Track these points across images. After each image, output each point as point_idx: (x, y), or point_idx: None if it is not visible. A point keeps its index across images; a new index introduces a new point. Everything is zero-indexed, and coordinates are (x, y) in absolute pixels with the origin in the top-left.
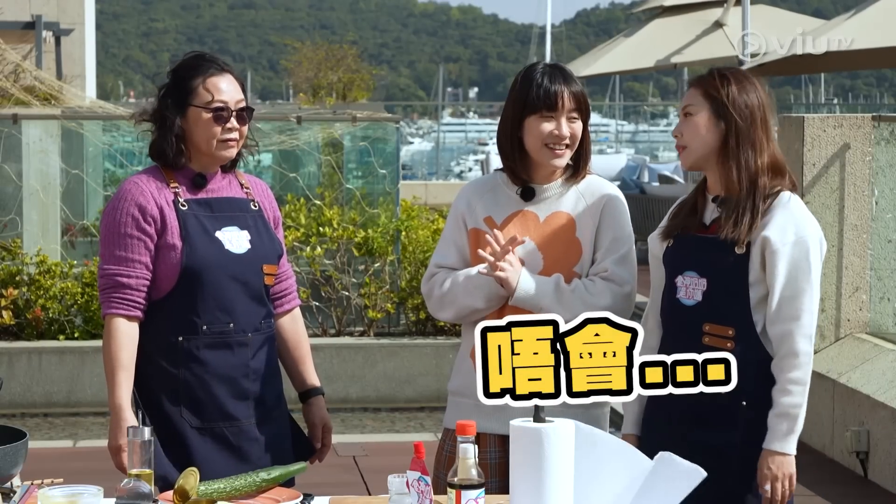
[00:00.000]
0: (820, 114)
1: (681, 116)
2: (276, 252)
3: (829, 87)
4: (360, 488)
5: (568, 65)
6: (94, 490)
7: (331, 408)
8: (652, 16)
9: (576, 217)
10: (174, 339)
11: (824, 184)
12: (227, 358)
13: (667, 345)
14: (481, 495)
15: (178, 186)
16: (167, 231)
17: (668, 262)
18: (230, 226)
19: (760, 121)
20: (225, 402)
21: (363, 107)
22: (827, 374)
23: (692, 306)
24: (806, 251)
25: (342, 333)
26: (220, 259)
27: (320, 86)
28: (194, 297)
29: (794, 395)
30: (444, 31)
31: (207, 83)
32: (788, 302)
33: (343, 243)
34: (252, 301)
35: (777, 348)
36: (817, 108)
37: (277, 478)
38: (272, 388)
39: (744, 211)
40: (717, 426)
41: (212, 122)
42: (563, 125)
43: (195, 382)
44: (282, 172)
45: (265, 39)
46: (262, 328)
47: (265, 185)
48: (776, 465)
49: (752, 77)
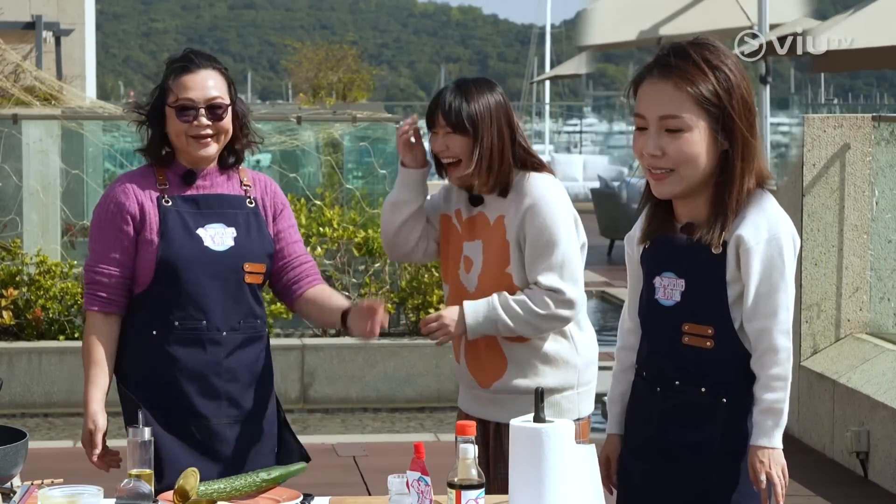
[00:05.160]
0: (820, 114)
1: (654, 126)
2: (265, 250)
3: (829, 87)
4: (360, 488)
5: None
6: (94, 490)
7: (331, 408)
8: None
9: (506, 219)
10: (148, 333)
11: (824, 184)
12: (199, 355)
13: (646, 345)
14: (481, 495)
15: (165, 184)
16: (146, 227)
17: (646, 263)
18: (216, 223)
19: (755, 121)
20: (193, 399)
21: (363, 107)
22: (827, 375)
23: (671, 307)
24: (780, 248)
25: (342, 334)
26: (197, 255)
27: (320, 86)
28: (169, 293)
29: (776, 390)
30: (444, 32)
31: (177, 81)
32: (764, 299)
33: (343, 243)
34: (230, 300)
35: (755, 345)
36: (817, 108)
37: (277, 478)
38: (253, 391)
39: (717, 218)
40: (696, 423)
41: (177, 120)
42: (438, 140)
43: (165, 378)
44: (282, 172)
45: (265, 40)
46: (240, 328)
47: (269, 182)
48: (767, 458)
49: (726, 51)
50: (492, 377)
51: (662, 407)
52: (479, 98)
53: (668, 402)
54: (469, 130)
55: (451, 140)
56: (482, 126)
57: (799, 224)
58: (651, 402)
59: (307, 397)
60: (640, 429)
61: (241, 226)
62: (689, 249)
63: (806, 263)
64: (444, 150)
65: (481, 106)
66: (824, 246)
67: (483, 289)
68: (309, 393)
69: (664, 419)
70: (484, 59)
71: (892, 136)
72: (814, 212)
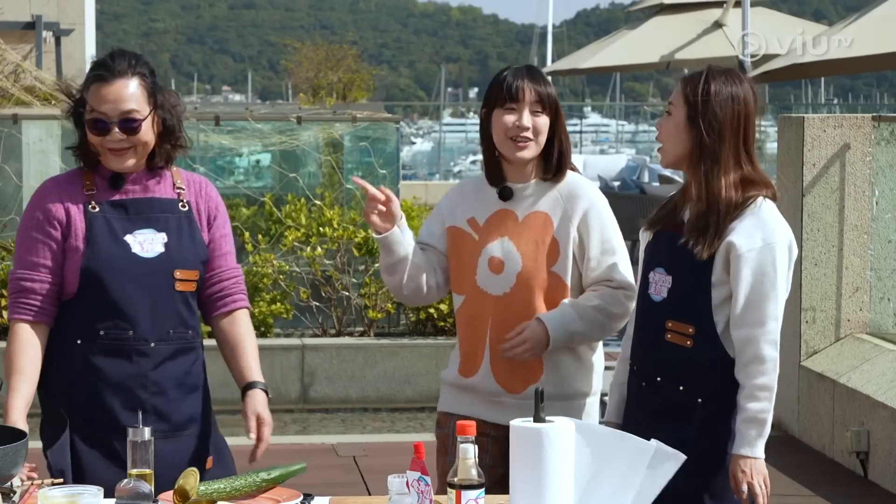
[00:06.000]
0: (820, 114)
1: (665, 108)
2: (199, 257)
3: (829, 87)
4: (361, 488)
5: (568, 57)
6: (94, 490)
7: (331, 408)
8: (651, 13)
9: (553, 217)
10: (73, 343)
11: (824, 184)
12: (124, 367)
13: (636, 339)
14: (481, 495)
15: (93, 189)
16: (72, 234)
17: (645, 257)
18: (145, 228)
19: (731, 136)
20: (117, 413)
21: (363, 107)
22: (827, 374)
23: (659, 302)
24: (773, 257)
25: (342, 334)
26: (124, 263)
27: (320, 86)
28: (95, 301)
29: (761, 400)
30: (444, 32)
31: (93, 92)
32: (753, 307)
33: (343, 243)
34: (159, 309)
35: (740, 353)
36: (817, 109)
37: (277, 478)
38: (184, 405)
39: (709, 224)
40: (673, 421)
41: (91, 133)
42: (525, 116)
43: (88, 389)
44: (282, 172)
45: (265, 39)
46: (170, 338)
47: (205, 184)
48: (749, 468)
49: (742, 83)
50: (524, 383)
51: (647, 402)
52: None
53: (651, 397)
54: (552, 110)
55: (537, 119)
56: (560, 109)
57: (799, 224)
58: (638, 397)
59: (307, 397)
60: (632, 425)
61: (173, 231)
62: (679, 248)
63: (806, 263)
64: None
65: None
66: (824, 246)
67: (522, 287)
68: (309, 393)
69: (648, 415)
70: (484, 59)
71: (892, 136)
72: (814, 212)
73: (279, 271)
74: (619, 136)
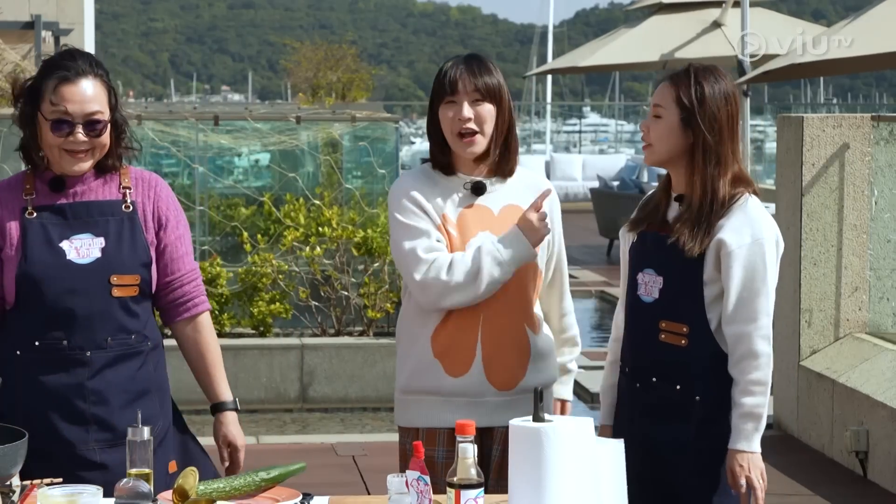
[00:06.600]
0: (819, 114)
1: (650, 112)
2: (139, 260)
3: (828, 86)
4: (360, 488)
5: (567, 55)
6: (94, 489)
7: (330, 407)
8: (649, 12)
9: (526, 208)
10: (13, 354)
11: (823, 184)
12: (61, 378)
13: (628, 340)
14: (480, 495)
15: (32, 193)
16: (6, 243)
17: (632, 258)
18: (83, 233)
19: (728, 135)
20: (58, 425)
21: (362, 107)
22: (826, 374)
23: (650, 303)
24: (762, 253)
25: (341, 333)
26: (58, 270)
27: (319, 86)
28: (31, 311)
29: (756, 395)
30: (443, 31)
31: (55, 90)
32: (745, 304)
33: (342, 243)
34: (95, 316)
35: (733, 349)
36: (816, 108)
37: (277, 477)
38: (130, 412)
39: (700, 221)
40: (672, 421)
41: (51, 132)
42: (465, 108)
43: (30, 402)
44: (281, 172)
45: (264, 39)
46: (108, 346)
47: (155, 182)
48: (746, 462)
49: (726, 80)
50: (513, 379)
51: (642, 403)
52: (495, 71)
53: (646, 398)
54: (497, 99)
55: (479, 109)
56: (505, 96)
57: (798, 224)
58: (632, 398)
59: (306, 397)
60: (625, 426)
61: (112, 234)
62: (669, 248)
63: (805, 263)
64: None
65: (500, 77)
66: (823, 246)
67: (512, 280)
68: (308, 392)
69: (643, 416)
70: None
71: (892, 136)
72: (813, 211)
73: (278, 271)
74: (619, 135)
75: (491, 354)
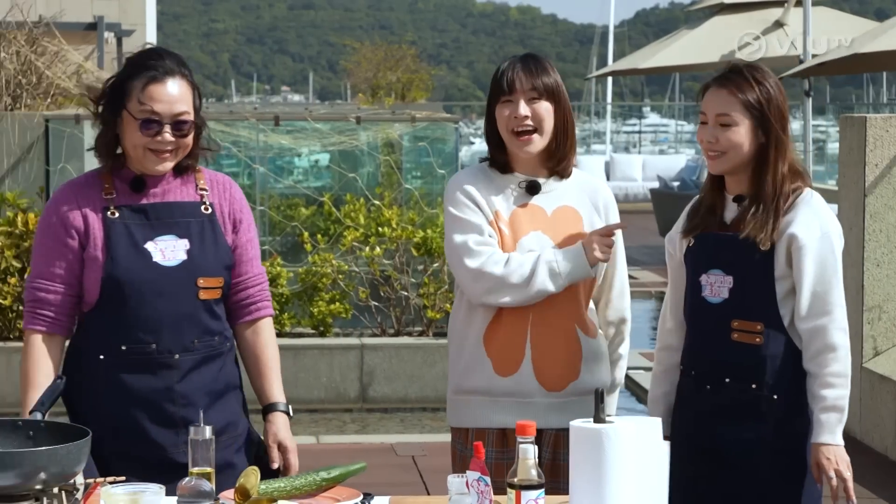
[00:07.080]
0: (882, 114)
1: (712, 121)
2: (223, 262)
3: (891, 86)
4: (420, 488)
5: (627, 57)
6: (156, 488)
7: (390, 407)
8: (711, 13)
9: (581, 211)
10: (95, 358)
11: (887, 184)
12: (149, 381)
13: (694, 343)
14: (541, 496)
15: (112, 193)
16: (90, 242)
17: (691, 261)
18: (167, 235)
19: (786, 130)
20: (147, 428)
21: (422, 107)
22: (889, 376)
23: (719, 304)
24: (831, 246)
25: (401, 333)
26: (145, 273)
27: (379, 86)
28: (116, 314)
29: (837, 387)
30: (502, 32)
31: (143, 89)
32: (820, 297)
33: (402, 243)
34: (183, 319)
35: (809, 343)
36: (879, 108)
37: (337, 477)
38: (215, 414)
39: (769, 213)
40: (747, 421)
41: (138, 131)
42: (521, 106)
43: (115, 406)
44: (341, 172)
45: (324, 40)
46: (195, 348)
47: (229, 184)
48: (832, 455)
49: (771, 74)
50: (565, 380)
51: (711, 405)
52: (552, 70)
53: (717, 400)
54: (555, 97)
55: (536, 107)
56: (563, 95)
57: (861, 224)
58: (698, 401)
59: (366, 397)
60: (687, 427)
61: (195, 236)
62: (736, 246)
63: (868, 264)
64: (522, 118)
65: (557, 77)
66: (887, 247)
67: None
68: (368, 392)
69: (713, 418)
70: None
71: None
72: (876, 212)
73: (338, 271)
74: (679, 136)
75: (540, 354)
